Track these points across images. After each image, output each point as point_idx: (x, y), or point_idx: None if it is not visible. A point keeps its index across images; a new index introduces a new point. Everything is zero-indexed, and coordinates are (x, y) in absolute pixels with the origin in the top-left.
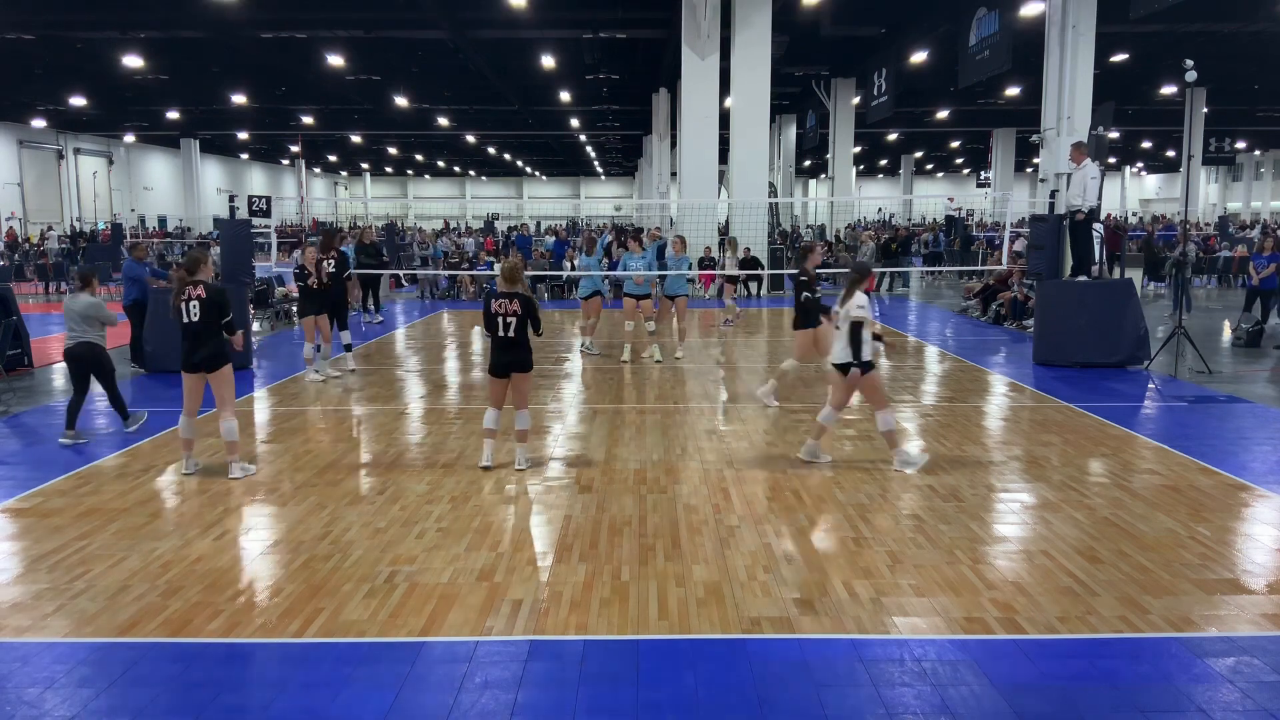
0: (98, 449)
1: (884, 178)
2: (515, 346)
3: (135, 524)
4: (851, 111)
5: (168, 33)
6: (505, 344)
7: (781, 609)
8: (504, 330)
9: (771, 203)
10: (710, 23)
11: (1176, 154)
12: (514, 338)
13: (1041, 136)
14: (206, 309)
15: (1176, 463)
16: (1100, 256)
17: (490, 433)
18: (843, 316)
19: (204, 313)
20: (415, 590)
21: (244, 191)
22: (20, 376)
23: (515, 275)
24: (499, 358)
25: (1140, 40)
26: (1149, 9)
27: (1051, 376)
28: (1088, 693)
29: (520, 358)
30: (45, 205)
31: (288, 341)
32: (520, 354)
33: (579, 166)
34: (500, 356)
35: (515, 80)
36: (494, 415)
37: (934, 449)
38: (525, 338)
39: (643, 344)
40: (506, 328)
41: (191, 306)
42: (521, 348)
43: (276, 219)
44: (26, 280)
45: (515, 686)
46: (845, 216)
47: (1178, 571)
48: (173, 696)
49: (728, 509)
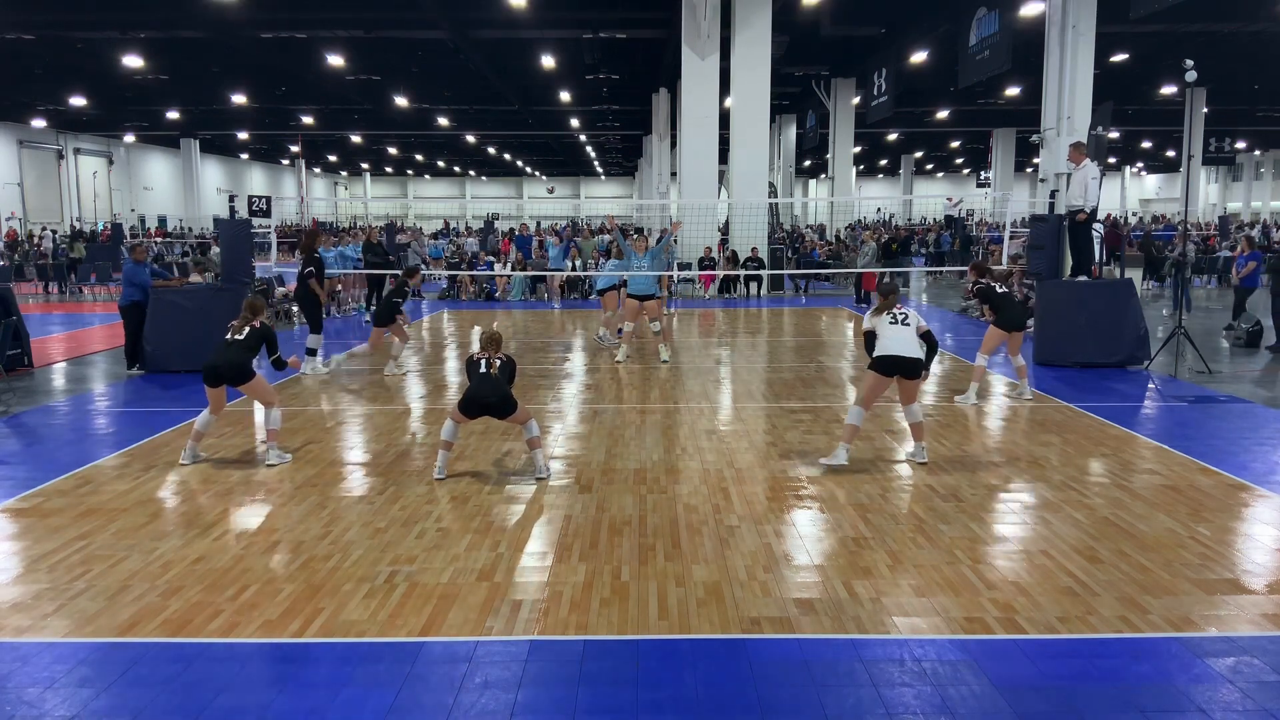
0: (98, 449)
1: (884, 178)
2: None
3: (135, 524)
4: (851, 111)
5: (168, 33)
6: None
7: (781, 609)
8: (486, 368)
9: (771, 203)
10: (710, 23)
11: (1176, 154)
12: (499, 375)
13: (1041, 136)
14: (257, 337)
15: (1176, 463)
16: (1100, 256)
17: (447, 445)
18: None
19: (251, 339)
20: (415, 590)
21: (244, 191)
22: (20, 376)
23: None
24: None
25: (1140, 40)
26: (1149, 9)
27: (1051, 376)
28: (1088, 693)
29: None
30: (45, 205)
31: (288, 341)
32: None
33: (579, 166)
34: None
35: (515, 80)
36: (454, 428)
37: (934, 449)
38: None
39: (628, 343)
40: (490, 365)
41: (244, 331)
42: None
43: (276, 219)
44: (26, 280)
45: (515, 686)
46: (845, 216)
47: (1178, 571)
48: (173, 696)
49: (728, 509)
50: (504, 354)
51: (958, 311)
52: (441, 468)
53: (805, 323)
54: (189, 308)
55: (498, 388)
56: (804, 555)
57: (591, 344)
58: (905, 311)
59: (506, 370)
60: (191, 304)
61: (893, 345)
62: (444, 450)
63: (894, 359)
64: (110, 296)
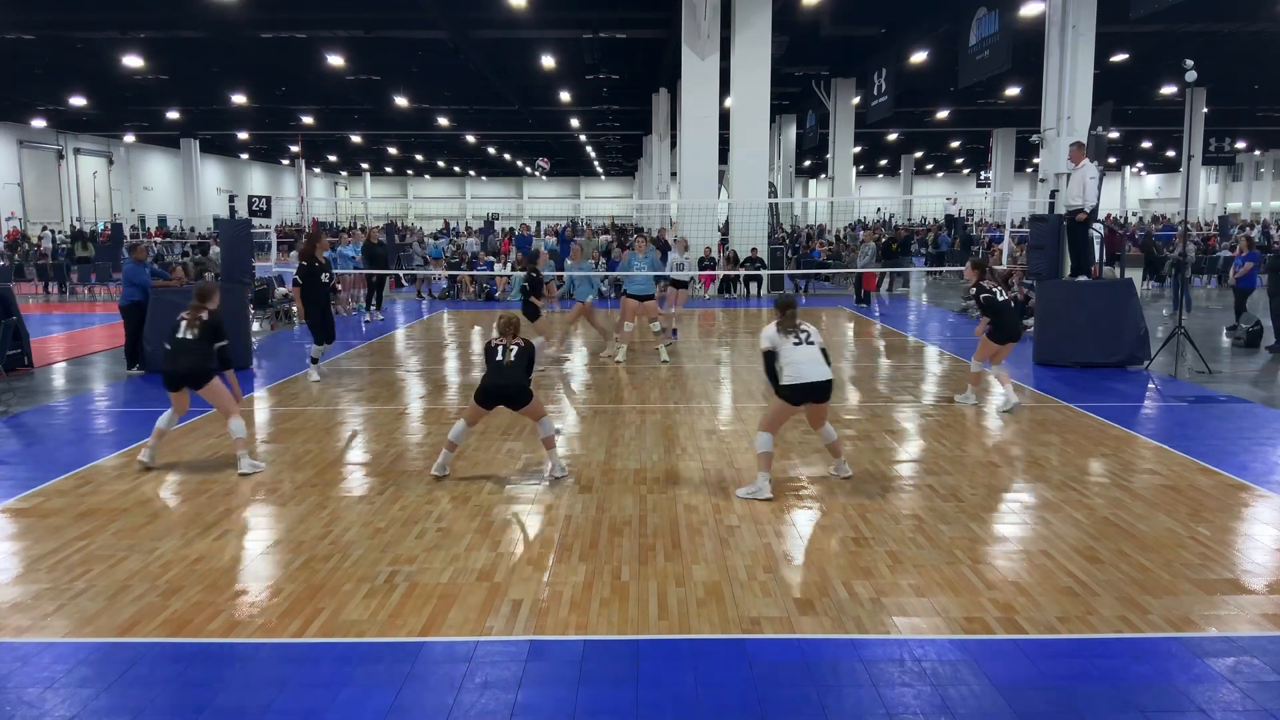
0: (98, 449)
1: (884, 178)
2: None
3: (135, 524)
4: (851, 111)
5: (168, 33)
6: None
7: (781, 609)
8: (503, 356)
9: (771, 203)
10: (710, 23)
11: (1176, 154)
12: (515, 362)
13: (1041, 136)
14: (205, 330)
15: (1176, 463)
16: (1100, 256)
17: (452, 445)
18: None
19: (201, 334)
20: (415, 590)
21: (244, 191)
22: (20, 376)
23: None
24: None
25: (1140, 40)
26: (1149, 9)
27: (1051, 376)
28: (1088, 693)
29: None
30: (45, 205)
31: (287, 341)
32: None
33: (579, 166)
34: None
35: (515, 80)
36: (463, 430)
37: (934, 449)
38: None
39: (621, 344)
40: (506, 352)
41: (192, 327)
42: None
43: (276, 219)
44: (26, 280)
45: (515, 686)
46: (845, 216)
47: (1178, 571)
48: (173, 696)
49: (728, 509)
50: (521, 339)
51: (958, 311)
52: (443, 465)
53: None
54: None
55: (514, 376)
56: (804, 555)
57: (594, 344)
58: (806, 328)
59: (524, 359)
60: None
61: (804, 370)
62: (448, 450)
63: (807, 386)
64: (110, 296)
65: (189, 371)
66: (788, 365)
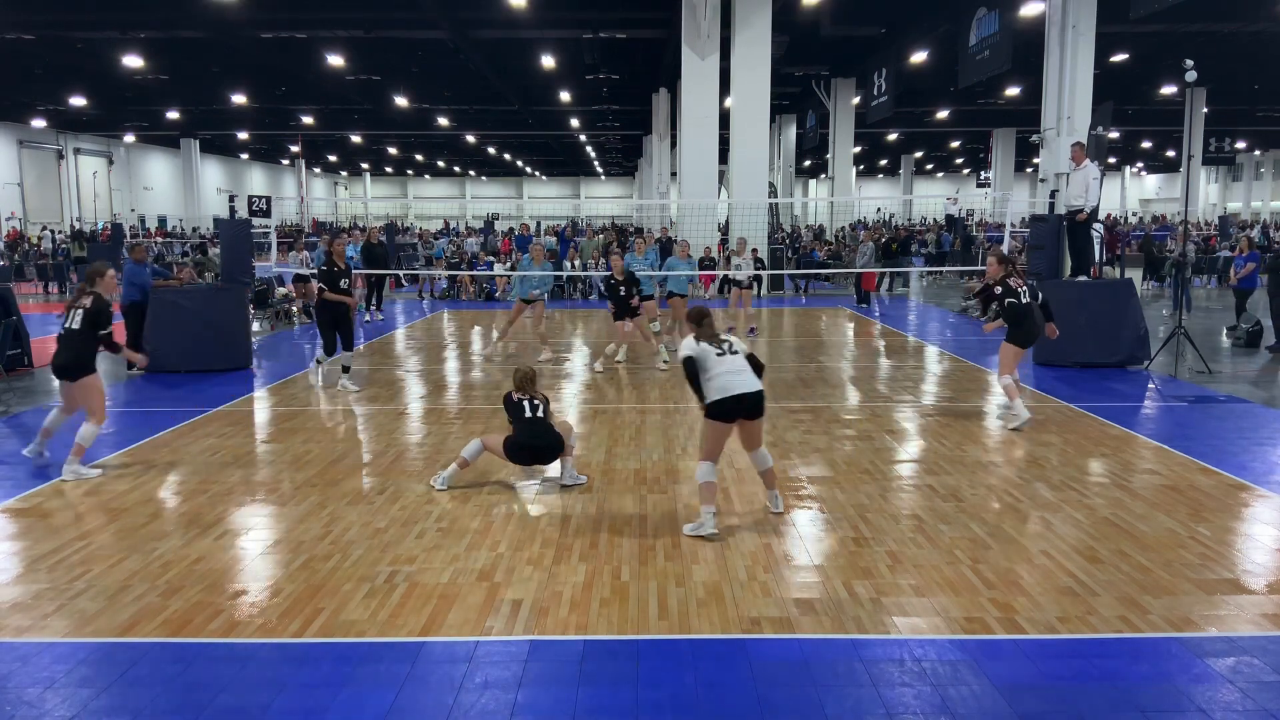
0: (97, 449)
1: (884, 178)
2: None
3: (135, 524)
4: (851, 111)
5: (168, 33)
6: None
7: (781, 609)
8: (531, 412)
9: (771, 203)
10: (710, 23)
11: (1176, 154)
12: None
13: (1041, 136)
14: (86, 319)
15: (1176, 463)
16: (1100, 256)
17: (465, 464)
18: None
19: (83, 323)
20: (415, 590)
21: (244, 191)
22: (20, 376)
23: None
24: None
25: (1140, 40)
26: (1149, 9)
27: (1051, 376)
28: (1088, 693)
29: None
30: (45, 205)
31: (287, 341)
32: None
33: (579, 166)
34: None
35: (515, 80)
36: (479, 451)
37: (934, 449)
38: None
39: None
40: (534, 408)
41: (75, 315)
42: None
43: (276, 219)
44: (26, 280)
45: (515, 686)
46: (845, 216)
47: (1178, 571)
48: (173, 696)
49: (728, 509)
50: (541, 394)
51: (958, 311)
52: (446, 479)
53: (805, 323)
54: (189, 308)
55: (549, 436)
56: (804, 555)
57: (596, 345)
58: (727, 337)
59: (548, 412)
60: (191, 304)
61: (731, 383)
62: (459, 467)
63: (736, 399)
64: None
65: (65, 364)
66: (714, 379)
